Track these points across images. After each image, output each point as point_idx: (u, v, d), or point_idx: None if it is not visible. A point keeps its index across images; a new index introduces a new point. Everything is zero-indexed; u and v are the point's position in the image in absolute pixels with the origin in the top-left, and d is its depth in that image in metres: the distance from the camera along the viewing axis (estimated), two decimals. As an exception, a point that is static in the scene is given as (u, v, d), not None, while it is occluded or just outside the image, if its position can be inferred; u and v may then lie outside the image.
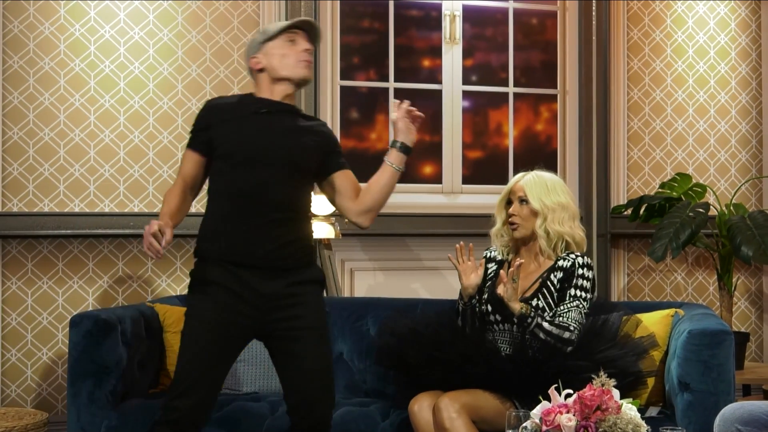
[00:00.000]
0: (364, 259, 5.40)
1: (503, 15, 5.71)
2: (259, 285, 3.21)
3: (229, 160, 3.26)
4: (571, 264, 3.65)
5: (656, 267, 5.80)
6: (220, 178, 3.29)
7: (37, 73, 4.90)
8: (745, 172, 5.95)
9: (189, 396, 3.16)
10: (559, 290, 3.64)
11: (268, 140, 3.28)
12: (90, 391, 3.75)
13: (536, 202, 3.72)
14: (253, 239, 3.22)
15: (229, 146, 3.26)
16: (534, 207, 3.72)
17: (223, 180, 3.28)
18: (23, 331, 4.88)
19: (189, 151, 3.37)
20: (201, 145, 3.33)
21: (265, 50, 3.36)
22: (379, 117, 5.51)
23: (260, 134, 3.28)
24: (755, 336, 5.93)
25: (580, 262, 3.66)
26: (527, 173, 3.82)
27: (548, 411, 2.62)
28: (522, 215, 3.74)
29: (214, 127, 3.30)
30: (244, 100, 3.40)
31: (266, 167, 3.25)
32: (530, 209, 3.74)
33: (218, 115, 3.33)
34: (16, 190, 4.87)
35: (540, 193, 3.74)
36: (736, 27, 5.96)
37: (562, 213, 3.74)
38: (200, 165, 3.36)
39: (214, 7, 5.14)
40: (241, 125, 3.29)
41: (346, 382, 4.23)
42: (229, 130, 3.28)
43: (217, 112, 3.34)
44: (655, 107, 5.84)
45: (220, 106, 3.38)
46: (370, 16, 5.53)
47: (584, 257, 3.69)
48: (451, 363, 3.54)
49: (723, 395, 3.47)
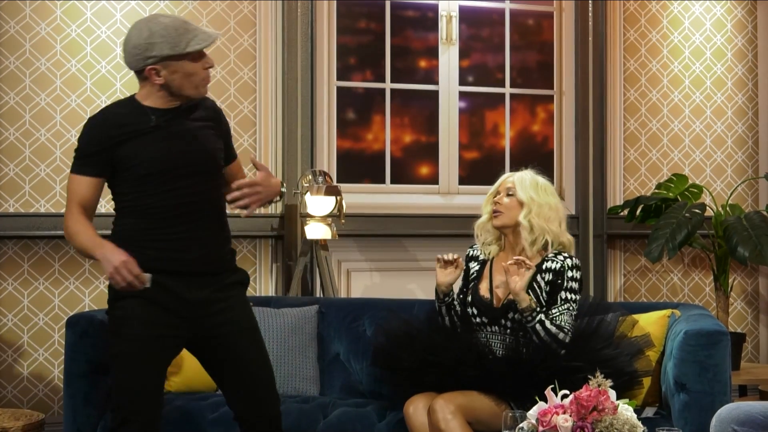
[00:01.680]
0: (360, 260, 5.40)
1: (500, 16, 5.71)
2: (186, 293, 3.08)
3: (139, 179, 3.06)
4: (560, 266, 3.65)
5: (652, 268, 5.80)
6: (133, 195, 3.08)
7: (34, 73, 4.89)
8: (742, 172, 5.96)
9: (134, 421, 3.03)
10: (549, 293, 3.64)
11: (176, 152, 3.07)
12: (86, 391, 3.75)
13: (523, 193, 3.72)
14: (181, 247, 3.08)
15: (137, 166, 3.04)
16: (521, 198, 3.71)
17: (138, 197, 3.08)
18: (19, 331, 4.88)
19: (84, 178, 3.06)
20: (98, 169, 3.06)
21: (169, 66, 3.01)
22: (376, 118, 5.51)
23: (166, 147, 3.06)
24: (751, 336, 5.93)
25: (569, 264, 3.65)
26: (517, 171, 3.84)
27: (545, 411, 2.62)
28: (506, 205, 3.74)
29: (113, 147, 3.04)
30: (133, 112, 3.08)
31: (182, 178, 3.08)
32: (517, 200, 3.73)
33: (113, 134, 3.04)
34: (12, 191, 4.86)
35: (529, 187, 3.74)
36: (732, 28, 5.97)
37: (549, 212, 3.73)
38: (99, 188, 3.10)
39: (210, 8, 5.14)
40: (143, 142, 3.05)
41: (343, 383, 4.22)
42: (131, 151, 3.04)
43: (112, 132, 3.05)
44: (651, 108, 5.85)
45: (113, 125, 3.06)
46: (366, 17, 5.53)
47: (572, 258, 3.69)
48: (444, 366, 3.54)
49: (719, 396, 3.47)
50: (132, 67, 3.06)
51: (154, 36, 2.99)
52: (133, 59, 3.04)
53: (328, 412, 3.83)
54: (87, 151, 3.07)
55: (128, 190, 3.10)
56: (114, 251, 2.94)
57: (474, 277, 3.82)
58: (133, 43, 3.02)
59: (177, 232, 3.09)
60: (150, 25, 3.02)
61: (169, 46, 2.99)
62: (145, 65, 3.01)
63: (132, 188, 3.09)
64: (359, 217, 5.22)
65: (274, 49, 5.19)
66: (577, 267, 3.67)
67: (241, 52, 5.18)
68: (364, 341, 4.21)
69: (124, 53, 3.08)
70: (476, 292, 3.75)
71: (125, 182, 3.09)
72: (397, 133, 5.55)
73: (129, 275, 2.91)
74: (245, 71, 5.17)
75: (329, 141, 5.38)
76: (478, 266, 3.84)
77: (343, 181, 5.33)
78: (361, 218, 5.23)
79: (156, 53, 2.99)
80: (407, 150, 5.58)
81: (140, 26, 3.04)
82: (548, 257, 3.68)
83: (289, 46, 5.18)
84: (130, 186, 3.09)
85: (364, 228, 5.32)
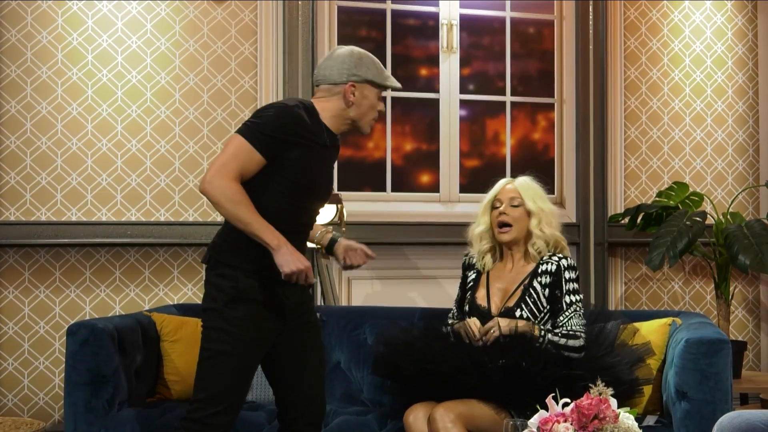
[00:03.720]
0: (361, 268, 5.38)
1: (500, 24, 5.72)
2: (285, 299, 3.21)
3: (290, 184, 3.14)
4: (556, 267, 3.65)
5: (653, 276, 5.80)
6: (283, 197, 3.15)
7: (35, 82, 4.90)
8: (742, 180, 5.96)
9: (228, 413, 3.16)
10: (549, 297, 3.64)
11: (326, 176, 3.27)
12: (87, 400, 3.74)
13: (531, 203, 3.73)
14: None
15: (304, 173, 3.14)
16: (529, 208, 3.72)
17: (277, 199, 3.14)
18: (20, 340, 4.87)
19: (257, 154, 3.08)
20: (269, 153, 3.09)
21: (364, 89, 3.24)
22: (377, 126, 5.51)
23: (323, 169, 3.24)
24: (752, 345, 5.93)
25: (565, 264, 3.66)
26: (515, 179, 3.84)
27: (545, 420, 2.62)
28: (514, 216, 3.73)
29: (293, 145, 3.11)
30: (315, 122, 3.19)
31: (316, 200, 3.28)
32: (525, 210, 3.73)
33: (300, 134, 3.13)
34: (13, 199, 4.86)
35: (534, 195, 3.76)
36: (733, 36, 5.97)
37: (551, 218, 3.76)
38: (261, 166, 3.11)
39: (211, 16, 5.14)
40: (314, 155, 3.16)
41: (344, 391, 4.22)
42: (303, 156, 3.13)
43: (300, 132, 3.13)
44: (652, 116, 5.85)
45: (304, 126, 3.14)
46: (367, 25, 5.54)
47: (567, 258, 3.70)
48: (444, 374, 3.53)
49: (720, 404, 3.46)
50: (330, 79, 3.22)
51: (363, 59, 3.24)
52: (338, 71, 3.22)
53: (328, 420, 3.83)
54: (272, 131, 3.10)
55: (279, 191, 3.15)
56: (295, 252, 3.05)
57: (471, 286, 3.82)
58: (342, 58, 3.23)
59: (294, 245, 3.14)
60: (360, 53, 3.26)
61: (373, 73, 3.24)
62: (348, 79, 3.21)
63: (285, 191, 3.16)
64: (360, 225, 5.22)
65: (275, 57, 5.20)
66: (573, 267, 3.69)
67: (242, 60, 5.18)
68: (365, 349, 4.21)
69: (326, 67, 3.24)
70: (474, 300, 3.75)
71: (281, 183, 3.15)
72: (397, 141, 5.56)
73: (303, 280, 3.05)
74: (246, 79, 5.18)
75: (330, 149, 5.37)
76: (475, 274, 3.84)
77: (343, 189, 5.34)
78: (362, 226, 5.23)
79: (362, 73, 3.22)
80: (408, 158, 5.58)
81: (350, 50, 3.27)
82: (543, 260, 3.69)
83: (290, 55, 5.18)
84: (285, 188, 3.15)
85: (365, 236, 5.29)
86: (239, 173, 3.05)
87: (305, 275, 3.05)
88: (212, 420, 3.13)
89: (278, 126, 3.10)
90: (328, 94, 3.24)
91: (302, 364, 3.31)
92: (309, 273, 3.05)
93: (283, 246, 3.03)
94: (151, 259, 5.04)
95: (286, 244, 3.04)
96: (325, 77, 3.23)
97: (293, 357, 3.30)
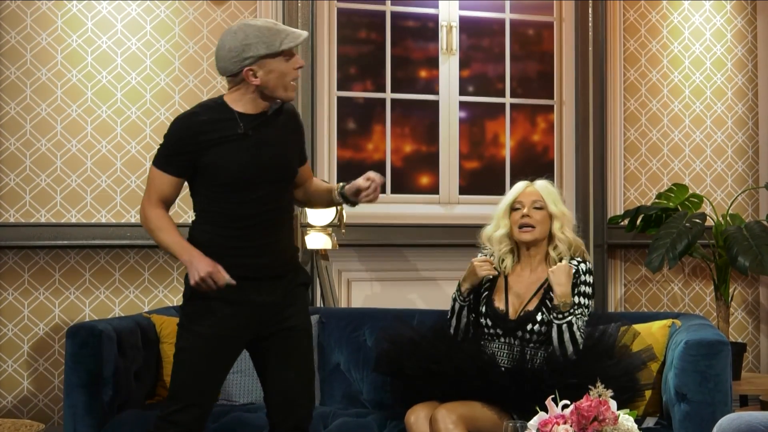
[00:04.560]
0: (361, 270, 5.40)
1: (500, 26, 5.72)
2: (258, 296, 3.18)
3: (221, 186, 3.14)
4: (575, 271, 3.63)
5: (653, 277, 5.80)
6: (214, 200, 3.16)
7: (34, 83, 4.90)
8: (742, 182, 5.96)
9: (190, 411, 3.15)
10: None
11: (263, 161, 3.16)
12: (86, 401, 3.74)
13: (553, 206, 3.72)
14: (255, 254, 3.17)
15: (220, 172, 3.12)
16: (552, 211, 3.71)
17: (218, 203, 3.16)
18: (19, 341, 4.87)
19: (165, 175, 3.15)
20: (180, 169, 3.14)
21: (265, 66, 3.10)
22: (376, 127, 5.52)
23: (253, 156, 3.14)
24: (752, 346, 5.93)
25: (584, 269, 3.65)
26: (534, 181, 3.81)
27: (545, 422, 2.62)
28: (537, 219, 3.71)
29: (199, 152, 3.11)
30: (222, 117, 3.14)
31: (263, 187, 3.17)
32: (547, 213, 3.72)
33: (200, 140, 3.11)
34: (13, 201, 4.86)
35: (555, 199, 3.75)
36: (732, 38, 5.97)
37: (570, 222, 3.76)
38: (180, 186, 3.19)
39: (211, 18, 5.14)
40: (230, 150, 3.12)
41: (343, 393, 4.22)
42: (216, 157, 3.11)
43: (200, 135, 3.11)
44: (651, 118, 5.85)
45: (203, 128, 3.12)
46: (366, 27, 5.54)
47: (586, 263, 3.68)
48: (447, 376, 3.52)
49: (720, 406, 3.46)
50: (228, 71, 3.14)
51: (249, 38, 3.09)
52: (229, 63, 3.12)
53: (328, 422, 3.83)
54: (172, 150, 3.14)
55: (209, 196, 3.17)
56: (201, 260, 3.06)
57: (488, 287, 3.79)
58: (228, 47, 3.11)
59: (254, 239, 3.17)
60: (243, 29, 3.11)
61: (264, 46, 3.09)
62: (242, 67, 3.10)
63: (213, 194, 3.16)
64: (360, 226, 5.22)
65: (274, 59, 5.19)
66: (590, 272, 3.67)
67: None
68: (365, 351, 4.21)
69: (219, 59, 3.15)
70: (491, 303, 3.72)
71: (206, 187, 3.17)
72: (397, 142, 5.56)
73: (213, 285, 3.06)
74: (246, 81, 5.18)
75: (330, 151, 5.38)
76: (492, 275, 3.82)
77: (343, 190, 5.33)
78: (361, 228, 5.23)
79: (252, 53, 3.09)
80: (407, 160, 5.58)
81: (233, 30, 3.13)
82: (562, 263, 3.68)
83: (289, 56, 5.17)
84: (211, 191, 3.16)
85: (365, 238, 5.32)
86: (159, 199, 3.16)
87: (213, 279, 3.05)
88: (174, 417, 3.15)
89: (175, 142, 3.15)
90: (233, 84, 3.17)
91: (286, 368, 3.27)
92: (216, 275, 3.05)
93: (191, 257, 3.07)
94: (150, 261, 5.04)
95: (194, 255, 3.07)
96: (223, 69, 3.16)
97: (280, 361, 3.27)
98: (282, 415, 3.29)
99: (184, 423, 3.14)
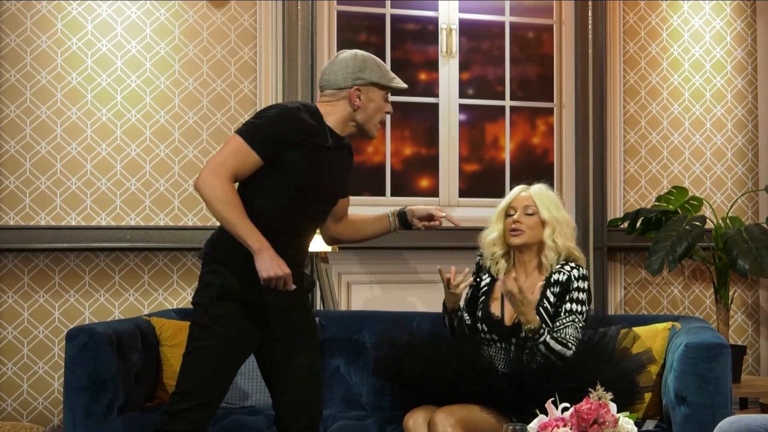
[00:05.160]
0: (360, 273, 5.40)
1: (499, 29, 5.72)
2: (276, 303, 3.20)
3: (290, 186, 3.16)
4: (566, 277, 3.62)
5: (653, 280, 5.80)
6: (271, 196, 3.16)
7: (34, 86, 4.90)
8: (742, 185, 5.96)
9: (204, 409, 3.17)
10: (555, 305, 3.62)
11: (329, 180, 3.26)
12: (86, 404, 3.74)
13: (546, 212, 3.68)
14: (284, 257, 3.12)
15: (300, 174, 3.15)
16: (544, 217, 3.67)
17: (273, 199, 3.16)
18: (19, 344, 4.87)
19: (254, 153, 3.09)
20: (269, 154, 3.11)
21: (369, 92, 3.25)
22: (376, 130, 5.51)
23: (326, 172, 3.22)
24: (752, 349, 5.92)
25: (576, 275, 3.62)
26: (531, 186, 3.79)
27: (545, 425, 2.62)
28: (528, 224, 3.69)
29: (292, 147, 3.13)
30: (318, 125, 3.20)
31: (318, 204, 3.27)
32: (539, 219, 3.69)
33: (299, 136, 3.14)
34: (13, 204, 4.86)
35: (549, 204, 3.71)
36: (732, 41, 5.98)
37: (567, 229, 3.71)
38: (254, 170, 3.12)
39: (211, 21, 5.15)
40: (314, 157, 3.17)
41: (343, 396, 4.22)
42: (303, 157, 3.14)
43: (300, 134, 3.14)
44: (651, 120, 5.85)
45: (304, 128, 3.16)
46: (366, 30, 5.54)
47: (579, 269, 3.65)
48: (445, 379, 3.52)
49: (720, 408, 3.46)
50: (335, 84, 3.24)
51: (367, 63, 3.25)
52: (341, 76, 3.24)
53: (328, 425, 3.83)
54: (271, 132, 3.12)
55: (274, 191, 3.17)
56: (276, 258, 3.04)
57: (485, 291, 3.78)
58: (346, 63, 3.25)
59: (289, 247, 3.18)
60: (363, 55, 3.28)
61: (378, 75, 3.25)
62: (353, 84, 3.23)
63: (281, 190, 3.17)
64: (359, 229, 5.21)
65: (274, 61, 5.20)
66: (584, 277, 3.64)
67: (241, 65, 5.19)
68: (365, 354, 4.21)
69: (330, 72, 3.26)
70: (486, 308, 3.71)
71: (275, 181, 3.16)
72: (397, 145, 5.56)
73: (281, 286, 3.05)
74: (246, 84, 5.18)
75: (329, 153, 5.38)
76: (489, 279, 3.79)
77: (343, 193, 5.33)
78: (361, 231, 5.23)
79: (367, 76, 3.24)
80: (407, 162, 5.59)
81: (353, 53, 3.28)
82: (555, 269, 3.66)
83: (289, 59, 5.18)
84: (278, 186, 3.16)
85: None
86: (234, 173, 3.07)
87: (284, 282, 3.05)
88: (187, 414, 3.14)
89: (278, 127, 3.12)
90: (333, 99, 3.26)
91: (298, 369, 3.31)
92: (288, 280, 3.05)
93: (265, 251, 3.03)
94: (150, 264, 5.04)
95: (268, 249, 3.03)
96: (330, 82, 3.25)
97: (289, 362, 3.30)
98: (295, 416, 3.31)
99: (194, 420, 3.15)
